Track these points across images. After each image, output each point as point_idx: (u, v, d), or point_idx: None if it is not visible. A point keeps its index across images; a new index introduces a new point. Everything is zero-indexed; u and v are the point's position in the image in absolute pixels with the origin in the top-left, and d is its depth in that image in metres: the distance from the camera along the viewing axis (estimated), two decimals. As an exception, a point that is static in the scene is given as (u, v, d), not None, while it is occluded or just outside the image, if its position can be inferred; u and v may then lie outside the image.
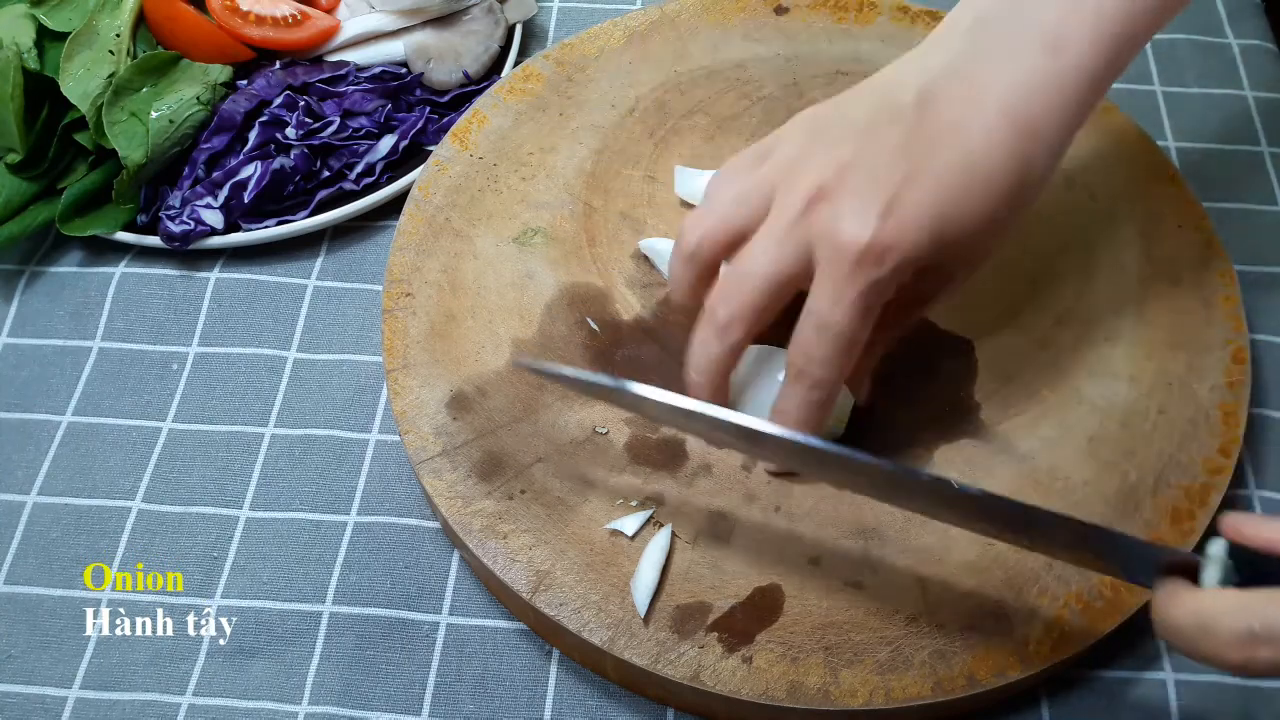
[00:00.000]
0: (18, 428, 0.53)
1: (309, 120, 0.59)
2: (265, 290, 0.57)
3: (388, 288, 0.52)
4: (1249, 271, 0.57)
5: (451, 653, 0.47)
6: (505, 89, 0.60)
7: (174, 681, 0.47)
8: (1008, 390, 0.49)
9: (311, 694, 0.46)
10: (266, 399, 0.54)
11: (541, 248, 0.54)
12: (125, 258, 0.59)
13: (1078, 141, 0.56)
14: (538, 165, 0.57)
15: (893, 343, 0.46)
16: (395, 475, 0.51)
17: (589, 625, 0.43)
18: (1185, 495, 0.46)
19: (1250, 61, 0.67)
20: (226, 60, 0.61)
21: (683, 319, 0.51)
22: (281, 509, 0.51)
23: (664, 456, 0.47)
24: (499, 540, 0.45)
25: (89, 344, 0.56)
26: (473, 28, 0.64)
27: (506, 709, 0.46)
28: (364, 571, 0.49)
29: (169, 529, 0.50)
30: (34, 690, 0.46)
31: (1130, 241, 0.53)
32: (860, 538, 0.45)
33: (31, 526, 0.51)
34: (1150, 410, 0.48)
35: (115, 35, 0.60)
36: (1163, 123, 0.64)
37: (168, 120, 0.57)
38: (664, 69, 0.60)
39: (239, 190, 0.57)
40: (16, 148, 0.57)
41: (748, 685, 0.42)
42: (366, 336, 0.56)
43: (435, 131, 0.61)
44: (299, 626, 0.48)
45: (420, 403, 0.49)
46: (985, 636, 0.43)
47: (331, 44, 0.63)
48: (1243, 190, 0.61)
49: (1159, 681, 0.46)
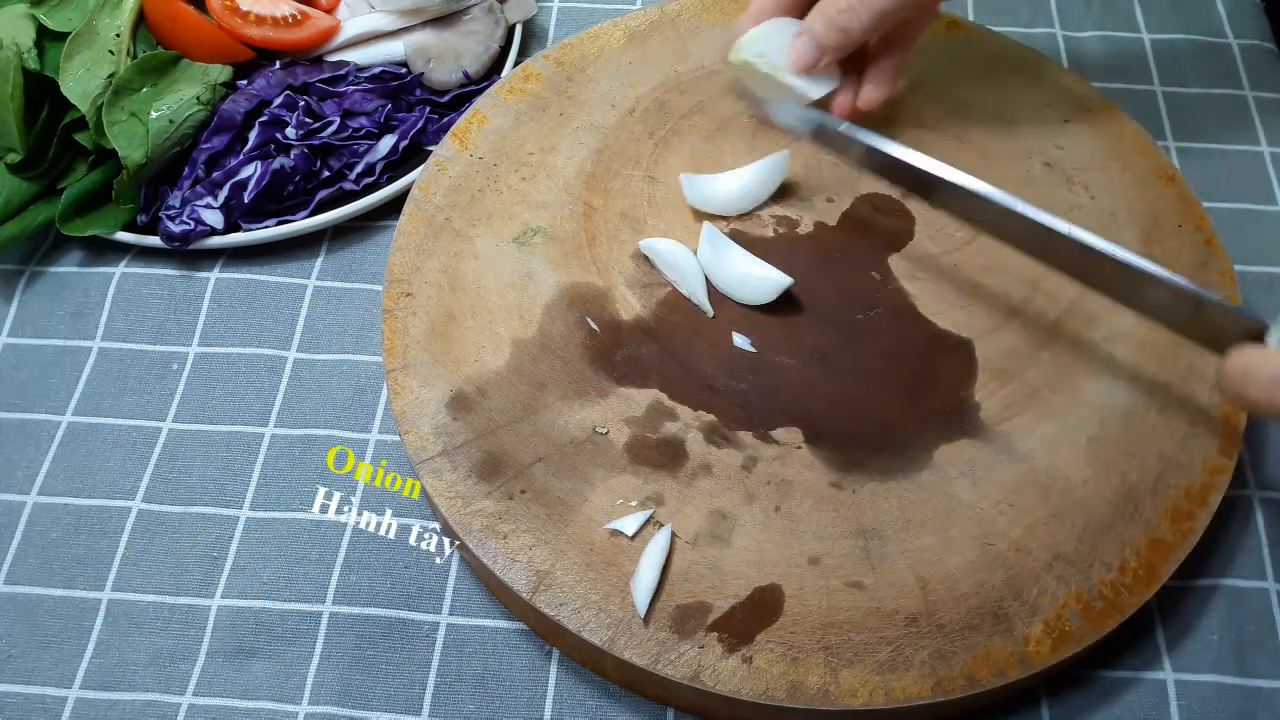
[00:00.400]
0: (18, 428, 0.53)
1: (309, 120, 0.59)
2: (265, 290, 0.57)
3: (388, 288, 0.52)
4: (1249, 271, 0.57)
5: (451, 653, 0.47)
6: (505, 89, 0.60)
7: (174, 681, 0.47)
8: (1008, 390, 0.49)
9: (311, 694, 0.46)
10: (266, 399, 0.54)
11: (541, 248, 0.54)
12: (125, 258, 0.59)
13: (1078, 142, 0.56)
14: (538, 165, 0.57)
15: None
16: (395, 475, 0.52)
17: (589, 625, 0.43)
18: (1185, 495, 0.46)
19: (1250, 61, 0.67)
20: (226, 60, 0.61)
21: (682, 319, 0.51)
22: (281, 509, 0.51)
23: (664, 456, 0.47)
24: (499, 540, 0.45)
25: (89, 344, 0.56)
26: (473, 28, 0.64)
27: (506, 709, 0.46)
28: (364, 571, 0.49)
29: (169, 529, 0.50)
30: (34, 690, 0.46)
31: (1130, 241, 0.53)
32: (860, 538, 0.45)
33: (31, 526, 0.51)
34: (1150, 410, 0.48)
35: (115, 35, 0.60)
36: (1163, 123, 0.64)
37: (168, 120, 0.57)
38: (664, 69, 0.60)
39: (239, 190, 0.57)
40: (16, 148, 0.57)
41: (748, 685, 0.42)
42: (366, 336, 0.56)
43: (435, 131, 0.61)
44: (299, 626, 0.48)
45: (420, 403, 0.49)
46: (985, 636, 0.43)
47: (331, 44, 0.63)
48: (1243, 190, 0.61)
49: (1159, 681, 0.46)
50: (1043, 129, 0.57)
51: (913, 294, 0.52)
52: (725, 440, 0.47)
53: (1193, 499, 0.46)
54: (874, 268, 0.52)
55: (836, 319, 0.51)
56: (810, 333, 0.50)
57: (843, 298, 0.51)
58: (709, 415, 0.48)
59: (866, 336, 0.50)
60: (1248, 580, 0.48)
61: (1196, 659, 0.46)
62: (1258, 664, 0.46)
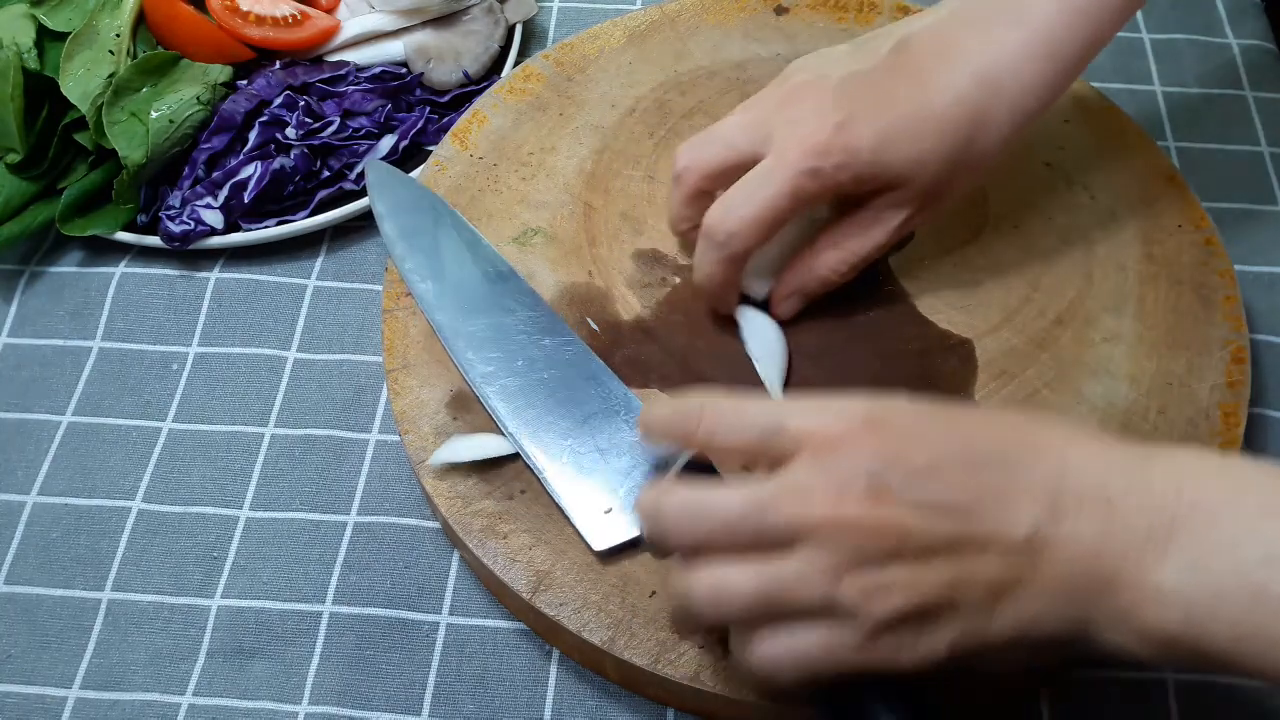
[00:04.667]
0: (18, 428, 0.53)
1: (309, 120, 0.59)
2: (265, 290, 0.57)
3: (388, 288, 0.52)
4: (1249, 271, 0.57)
5: (451, 653, 0.47)
6: (505, 89, 0.60)
7: (174, 681, 0.47)
8: (1008, 390, 0.49)
9: (311, 694, 0.46)
10: (266, 399, 0.54)
11: (541, 248, 0.54)
12: (125, 258, 0.59)
13: (1078, 142, 0.56)
14: (538, 165, 0.57)
15: (847, 270, 0.48)
16: (395, 475, 0.51)
17: (589, 625, 0.43)
18: (1185, 495, 0.46)
19: (1250, 61, 0.67)
20: (226, 60, 0.61)
21: (682, 319, 0.51)
22: (281, 509, 0.51)
23: (664, 456, 0.47)
24: (499, 540, 0.45)
25: (89, 344, 0.56)
26: (473, 28, 0.64)
27: (506, 709, 0.46)
28: (364, 571, 0.49)
29: (169, 529, 0.50)
30: (34, 690, 0.46)
31: (1130, 241, 0.53)
32: (860, 538, 0.45)
33: (31, 526, 0.51)
34: (1150, 410, 0.48)
35: (115, 35, 0.60)
36: (1163, 123, 0.64)
37: (168, 120, 0.57)
38: (664, 69, 0.60)
39: (239, 190, 0.57)
40: (16, 148, 0.57)
41: (748, 685, 0.42)
42: (366, 336, 0.56)
43: (435, 131, 0.61)
44: (299, 626, 0.48)
45: (420, 403, 0.49)
46: (985, 636, 0.43)
47: (331, 44, 0.63)
48: (1243, 190, 0.61)
49: (1159, 681, 0.46)
50: (1043, 129, 0.57)
51: (913, 294, 0.52)
52: (725, 440, 0.47)
53: (1193, 499, 0.46)
54: (874, 267, 0.52)
55: (836, 319, 0.51)
56: (810, 333, 0.50)
57: (843, 298, 0.51)
58: (709, 415, 0.48)
59: (866, 336, 0.50)
60: (1248, 580, 0.48)
61: (1196, 659, 0.46)
62: (1258, 664, 0.46)
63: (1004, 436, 0.35)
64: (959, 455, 0.34)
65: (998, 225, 0.54)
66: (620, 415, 0.47)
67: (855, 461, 0.34)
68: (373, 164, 0.56)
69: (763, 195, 0.44)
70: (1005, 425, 0.36)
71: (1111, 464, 0.34)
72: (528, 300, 0.50)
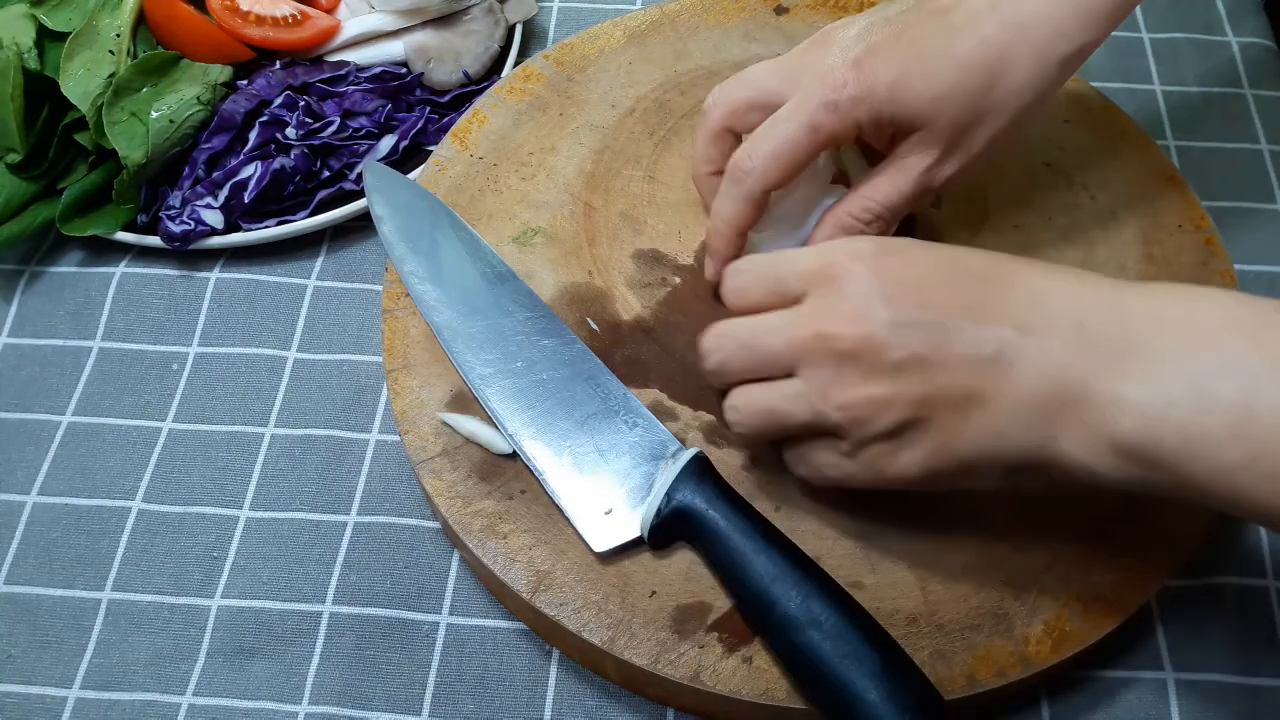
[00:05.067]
0: (18, 428, 0.53)
1: (309, 120, 0.59)
2: (265, 290, 0.57)
3: (388, 288, 0.52)
4: (1249, 271, 0.57)
5: (451, 653, 0.47)
6: (505, 89, 0.60)
7: (174, 681, 0.47)
8: (1008, 390, 0.49)
9: (311, 694, 0.46)
10: (266, 399, 0.54)
11: (541, 248, 0.54)
12: (125, 258, 0.59)
13: (1078, 142, 0.56)
14: (538, 165, 0.57)
15: (872, 219, 0.47)
16: (395, 475, 0.51)
17: (589, 625, 0.43)
18: (1185, 495, 0.46)
19: (1250, 61, 0.67)
20: (226, 60, 0.61)
21: (682, 319, 0.51)
22: (281, 509, 0.51)
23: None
24: (499, 540, 0.45)
25: (89, 344, 0.56)
26: (473, 28, 0.64)
27: (506, 709, 0.46)
28: (364, 571, 0.49)
29: (169, 529, 0.50)
30: (34, 690, 0.47)
31: (1130, 241, 0.53)
32: (860, 538, 0.45)
33: (31, 526, 0.51)
34: (1150, 410, 0.48)
35: (115, 35, 0.60)
36: (1163, 123, 0.64)
37: (168, 120, 0.57)
38: (664, 69, 0.60)
39: (239, 190, 0.57)
40: (16, 148, 0.57)
41: (748, 685, 0.42)
42: (366, 336, 0.56)
43: (435, 131, 0.61)
44: (299, 626, 0.48)
45: (420, 403, 0.49)
46: (985, 636, 0.43)
47: (331, 44, 0.63)
48: (1243, 190, 0.61)
49: (1159, 681, 0.46)
50: (1043, 129, 0.57)
51: (913, 294, 0.52)
52: (725, 440, 0.47)
53: (1193, 499, 0.46)
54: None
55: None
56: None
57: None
58: (709, 415, 0.48)
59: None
60: (1248, 579, 0.48)
61: (1196, 659, 0.46)
62: (1259, 663, 0.46)
63: (987, 264, 0.39)
64: (942, 275, 0.38)
65: (997, 225, 0.54)
66: (620, 416, 0.47)
67: (847, 286, 0.38)
68: (370, 166, 0.56)
69: (780, 131, 0.45)
70: (991, 257, 0.39)
71: (1085, 291, 0.37)
72: (526, 301, 0.50)
